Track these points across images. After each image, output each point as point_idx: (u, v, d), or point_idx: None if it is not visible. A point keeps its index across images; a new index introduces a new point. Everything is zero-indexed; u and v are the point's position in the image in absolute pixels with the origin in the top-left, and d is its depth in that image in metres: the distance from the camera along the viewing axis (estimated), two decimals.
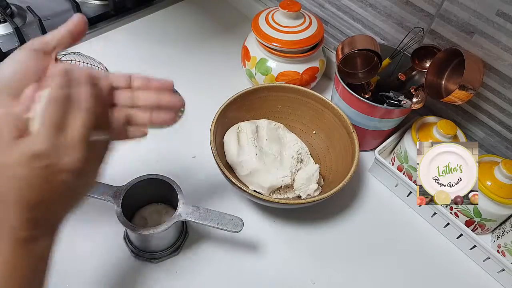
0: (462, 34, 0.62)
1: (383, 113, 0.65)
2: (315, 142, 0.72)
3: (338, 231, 0.64)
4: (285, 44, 0.72)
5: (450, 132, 0.61)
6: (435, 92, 0.63)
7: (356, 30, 0.79)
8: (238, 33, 0.92)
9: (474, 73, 0.58)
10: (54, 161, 0.31)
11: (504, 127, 0.64)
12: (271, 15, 0.75)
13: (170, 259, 0.58)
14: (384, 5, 0.71)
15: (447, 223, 0.63)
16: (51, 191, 0.32)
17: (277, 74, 0.75)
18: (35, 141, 0.31)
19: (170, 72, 0.84)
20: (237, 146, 0.65)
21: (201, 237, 0.61)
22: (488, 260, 0.60)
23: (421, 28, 0.66)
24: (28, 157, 0.31)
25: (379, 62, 0.64)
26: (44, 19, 0.84)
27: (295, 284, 0.58)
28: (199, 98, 0.79)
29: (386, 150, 0.71)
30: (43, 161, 0.31)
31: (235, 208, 0.65)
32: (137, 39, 0.90)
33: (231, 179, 0.57)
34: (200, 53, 0.89)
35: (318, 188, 0.64)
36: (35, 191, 0.31)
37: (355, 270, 0.61)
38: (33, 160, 0.31)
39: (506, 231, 0.61)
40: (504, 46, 0.58)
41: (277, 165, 0.65)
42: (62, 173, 0.32)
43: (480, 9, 0.58)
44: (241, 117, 0.70)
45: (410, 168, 0.66)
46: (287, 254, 0.61)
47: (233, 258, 0.60)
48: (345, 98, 0.67)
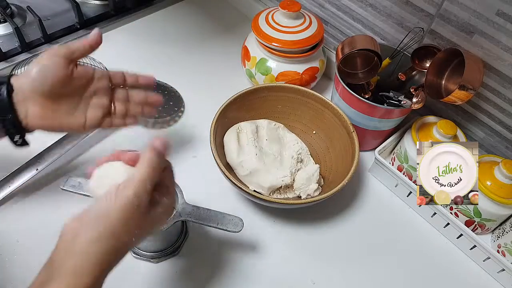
0: (462, 34, 0.62)
1: (383, 113, 0.65)
2: (315, 142, 0.72)
3: (338, 231, 0.64)
4: (285, 44, 0.72)
5: (450, 132, 0.61)
6: (435, 92, 0.63)
7: (356, 30, 0.79)
8: (238, 33, 0.92)
9: (474, 73, 0.58)
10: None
11: (504, 127, 0.64)
12: (271, 15, 0.75)
13: (170, 259, 0.58)
14: (384, 5, 0.71)
15: (447, 223, 0.63)
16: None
17: (277, 74, 0.75)
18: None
19: (170, 72, 0.84)
20: (237, 146, 0.65)
21: (201, 237, 0.61)
22: (488, 260, 0.60)
23: (421, 28, 0.66)
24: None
25: (379, 62, 0.64)
26: (44, 19, 0.84)
27: (295, 284, 0.58)
28: (199, 98, 0.79)
29: (386, 150, 0.71)
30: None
31: (235, 208, 0.65)
32: (137, 39, 0.90)
33: (231, 179, 0.57)
34: (200, 53, 0.89)
35: (318, 188, 0.64)
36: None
37: (355, 270, 0.61)
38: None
39: (506, 231, 0.61)
40: (504, 46, 0.58)
41: (277, 165, 0.65)
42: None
43: (480, 9, 0.58)
44: (241, 117, 0.70)
45: (410, 168, 0.66)
46: (287, 254, 0.61)
47: (233, 258, 0.60)
48: (345, 98, 0.67)
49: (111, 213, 0.36)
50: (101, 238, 0.35)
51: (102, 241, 0.35)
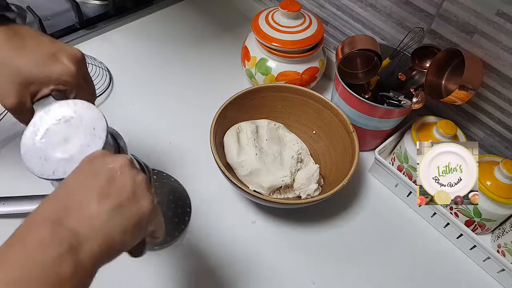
0: (462, 34, 0.62)
1: (383, 113, 0.65)
2: (315, 142, 0.72)
3: (338, 231, 0.64)
4: (285, 44, 0.72)
5: (450, 132, 0.61)
6: (435, 92, 0.63)
7: (356, 30, 0.79)
8: (238, 33, 0.92)
9: (474, 73, 0.58)
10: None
11: (504, 127, 0.64)
12: (271, 15, 0.75)
13: (169, 259, 0.58)
14: (384, 5, 0.71)
15: (447, 223, 0.63)
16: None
17: (277, 74, 0.75)
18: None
19: (170, 72, 0.85)
20: (237, 146, 0.65)
21: (199, 237, 0.61)
22: (488, 260, 0.60)
23: (421, 28, 0.66)
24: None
25: (379, 62, 0.64)
26: (44, 19, 0.84)
27: (295, 284, 0.58)
28: (199, 98, 0.79)
29: (386, 150, 0.71)
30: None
31: (235, 208, 0.65)
32: (137, 39, 0.90)
33: (231, 179, 0.57)
34: (200, 53, 0.89)
35: (318, 188, 0.64)
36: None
37: (355, 270, 0.60)
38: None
39: (506, 231, 0.61)
40: (504, 46, 0.58)
41: (277, 165, 0.65)
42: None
43: (480, 9, 0.58)
44: (241, 117, 0.70)
45: (410, 168, 0.66)
46: (287, 254, 0.61)
47: (233, 258, 0.60)
48: (345, 98, 0.67)
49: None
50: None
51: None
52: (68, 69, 0.41)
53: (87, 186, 0.33)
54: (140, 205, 0.34)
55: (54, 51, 0.41)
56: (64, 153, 0.38)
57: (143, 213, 0.34)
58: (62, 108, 0.40)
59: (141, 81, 0.82)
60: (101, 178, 0.34)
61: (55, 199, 0.33)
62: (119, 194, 0.33)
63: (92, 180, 0.34)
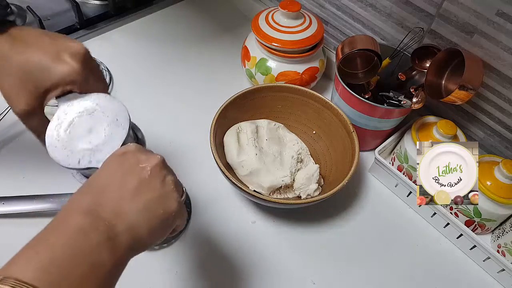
0: (462, 34, 0.62)
1: (383, 113, 0.65)
2: (315, 142, 0.72)
3: (338, 231, 0.64)
4: (285, 44, 0.72)
5: (450, 132, 0.61)
6: (435, 92, 0.63)
7: (356, 30, 0.79)
8: (238, 33, 0.92)
9: (474, 73, 0.58)
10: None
11: (504, 127, 0.64)
12: (271, 15, 0.75)
13: (169, 259, 0.58)
14: (384, 5, 0.71)
15: (447, 223, 0.63)
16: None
17: (277, 74, 0.75)
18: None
19: (169, 72, 0.85)
20: (237, 146, 0.65)
21: (199, 237, 0.61)
22: (488, 260, 0.60)
23: (421, 28, 0.66)
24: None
25: (379, 62, 0.64)
26: (44, 19, 0.84)
27: (295, 284, 0.58)
28: (199, 98, 0.79)
29: (386, 150, 0.71)
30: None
31: (235, 208, 0.65)
32: (137, 39, 0.90)
33: (231, 179, 0.57)
34: (200, 53, 0.89)
35: (318, 188, 0.64)
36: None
37: (355, 270, 0.61)
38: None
39: (506, 231, 0.61)
40: (504, 46, 0.58)
41: (277, 165, 0.65)
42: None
43: (480, 9, 0.58)
44: (241, 117, 0.70)
45: (410, 168, 0.66)
46: (287, 254, 0.61)
47: (233, 258, 0.60)
48: (345, 98, 0.67)
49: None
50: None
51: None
52: (73, 68, 0.41)
53: (120, 185, 0.36)
54: (167, 205, 0.37)
55: (56, 50, 0.41)
56: (89, 143, 0.40)
57: (170, 212, 0.38)
58: (85, 101, 0.42)
59: (141, 81, 0.82)
60: (133, 178, 0.37)
61: (88, 192, 0.36)
62: (148, 194, 0.37)
63: (124, 179, 0.36)
